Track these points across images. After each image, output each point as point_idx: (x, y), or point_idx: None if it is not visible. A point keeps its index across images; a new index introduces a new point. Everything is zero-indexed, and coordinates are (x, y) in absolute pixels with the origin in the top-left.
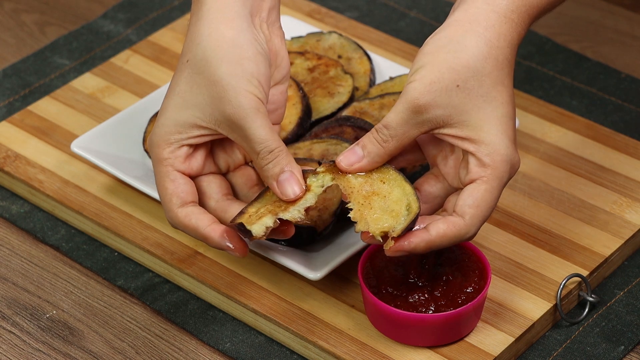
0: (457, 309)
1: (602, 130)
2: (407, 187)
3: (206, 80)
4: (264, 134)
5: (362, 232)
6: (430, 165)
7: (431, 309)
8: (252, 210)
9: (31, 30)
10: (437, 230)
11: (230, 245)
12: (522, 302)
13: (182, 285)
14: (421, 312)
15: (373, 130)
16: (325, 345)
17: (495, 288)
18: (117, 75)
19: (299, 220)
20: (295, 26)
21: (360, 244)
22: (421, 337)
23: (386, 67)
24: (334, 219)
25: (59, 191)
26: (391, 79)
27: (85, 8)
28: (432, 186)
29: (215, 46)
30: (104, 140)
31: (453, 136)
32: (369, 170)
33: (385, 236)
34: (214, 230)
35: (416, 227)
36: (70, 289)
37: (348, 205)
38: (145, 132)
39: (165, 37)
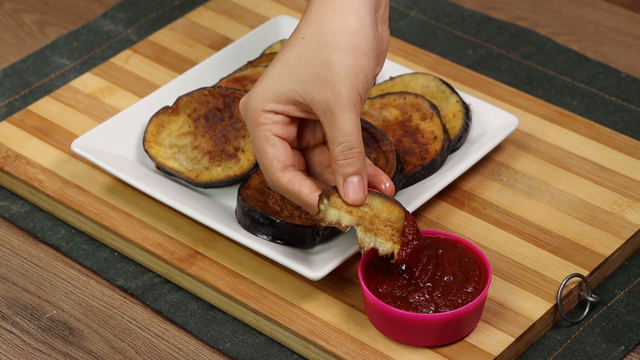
0: (458, 309)
1: (602, 130)
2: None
3: (317, 60)
4: (351, 129)
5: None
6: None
7: (431, 309)
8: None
9: (31, 30)
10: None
11: None
12: (523, 302)
13: (182, 285)
14: (421, 312)
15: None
16: (326, 345)
17: (496, 288)
18: (117, 75)
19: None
20: (295, 26)
21: None
22: (421, 337)
23: (386, 67)
24: None
25: (59, 191)
26: (391, 78)
27: (85, 8)
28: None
29: (336, 31)
30: (104, 140)
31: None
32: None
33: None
34: (317, 199)
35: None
36: (70, 289)
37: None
38: (145, 132)
39: (166, 37)
